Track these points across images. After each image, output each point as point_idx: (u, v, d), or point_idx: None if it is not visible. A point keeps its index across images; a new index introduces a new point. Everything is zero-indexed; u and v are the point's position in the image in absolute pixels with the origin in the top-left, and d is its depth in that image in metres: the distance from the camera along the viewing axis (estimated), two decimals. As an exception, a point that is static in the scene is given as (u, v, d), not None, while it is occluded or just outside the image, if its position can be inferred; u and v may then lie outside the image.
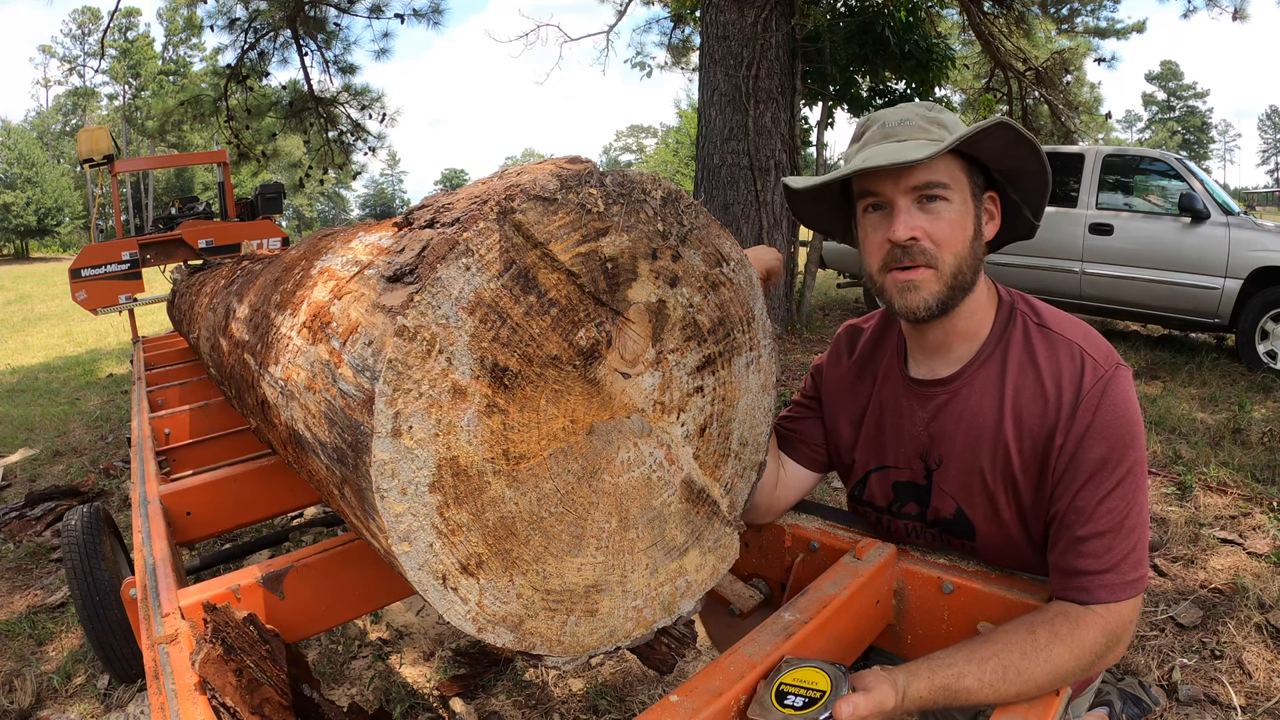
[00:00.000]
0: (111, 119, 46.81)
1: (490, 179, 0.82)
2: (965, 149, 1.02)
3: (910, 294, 1.03)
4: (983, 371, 1.09)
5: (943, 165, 1.02)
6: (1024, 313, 1.10)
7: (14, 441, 5.43)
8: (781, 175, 6.96)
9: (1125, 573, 0.97)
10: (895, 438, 1.19)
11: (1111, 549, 0.97)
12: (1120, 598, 0.97)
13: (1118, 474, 0.98)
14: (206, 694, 0.85)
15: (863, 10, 7.39)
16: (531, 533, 0.76)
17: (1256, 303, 5.50)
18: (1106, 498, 0.98)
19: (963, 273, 1.04)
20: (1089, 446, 0.99)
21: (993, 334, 1.10)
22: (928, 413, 1.14)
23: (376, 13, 9.76)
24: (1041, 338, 1.07)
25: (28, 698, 2.34)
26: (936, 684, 0.91)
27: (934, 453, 1.15)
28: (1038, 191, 1.09)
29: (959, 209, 1.03)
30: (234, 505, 1.76)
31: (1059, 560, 1.01)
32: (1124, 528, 0.97)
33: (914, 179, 1.01)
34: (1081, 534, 0.99)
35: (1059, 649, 0.93)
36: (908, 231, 1.01)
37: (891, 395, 1.20)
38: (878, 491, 1.24)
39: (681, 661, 1.04)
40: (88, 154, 6.21)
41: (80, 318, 12.32)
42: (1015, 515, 1.09)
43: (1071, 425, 1.00)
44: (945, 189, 1.02)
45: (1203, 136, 64.41)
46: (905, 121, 1.06)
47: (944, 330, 1.10)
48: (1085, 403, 0.99)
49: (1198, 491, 3.45)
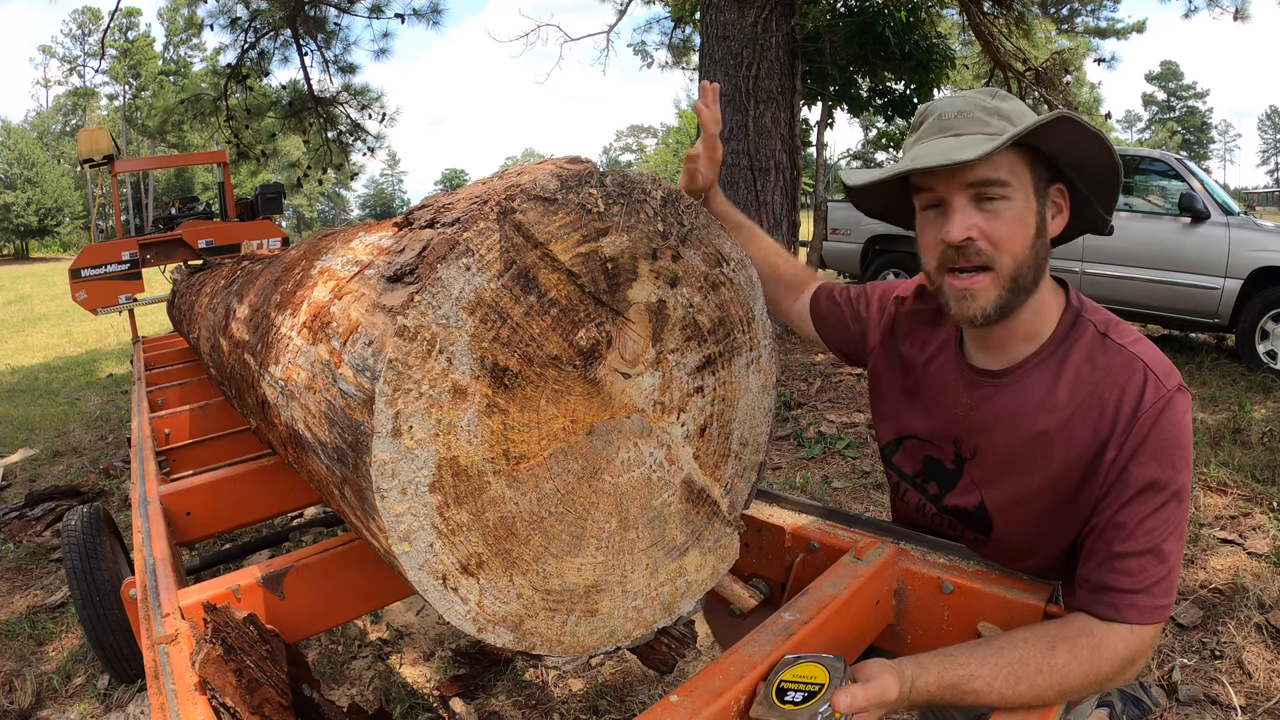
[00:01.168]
0: (111, 119, 46.81)
1: (490, 179, 0.82)
2: (1028, 141, 0.96)
3: (967, 303, 1.00)
4: (1038, 371, 1.06)
5: (1003, 160, 0.96)
6: (1091, 320, 1.06)
7: (14, 441, 5.43)
8: (782, 175, 6.96)
9: (1157, 596, 0.95)
10: (935, 413, 1.17)
11: (1146, 570, 0.95)
12: (1147, 620, 0.95)
13: (1163, 496, 0.96)
14: (206, 694, 0.85)
15: (863, 10, 7.38)
16: (532, 533, 0.76)
17: (1256, 303, 5.50)
18: (1149, 517, 0.96)
19: (1023, 274, 0.99)
20: (1141, 464, 0.96)
21: (1055, 336, 1.06)
22: (972, 400, 1.12)
23: (376, 12, 9.75)
24: (1105, 347, 1.03)
25: (28, 698, 2.34)
26: (946, 681, 0.91)
27: (969, 442, 1.13)
28: (1109, 184, 1.03)
29: (1020, 206, 0.98)
30: (234, 505, 1.76)
31: (1092, 574, 0.99)
32: (1161, 551, 0.95)
33: (970, 176, 0.96)
34: (1119, 550, 0.96)
35: (1075, 670, 0.92)
36: (963, 232, 0.97)
37: (939, 371, 1.17)
38: (908, 460, 1.23)
39: (681, 661, 1.04)
40: (88, 154, 6.21)
41: (80, 318, 12.32)
42: (1041, 521, 1.07)
43: (1126, 440, 0.97)
44: (1005, 186, 0.97)
45: (1203, 136, 64.41)
46: (963, 114, 1.00)
47: (1004, 330, 1.07)
48: (1143, 419, 0.96)
49: (1198, 491, 3.45)
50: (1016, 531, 1.11)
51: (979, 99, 1.01)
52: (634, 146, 77.64)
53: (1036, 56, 9.73)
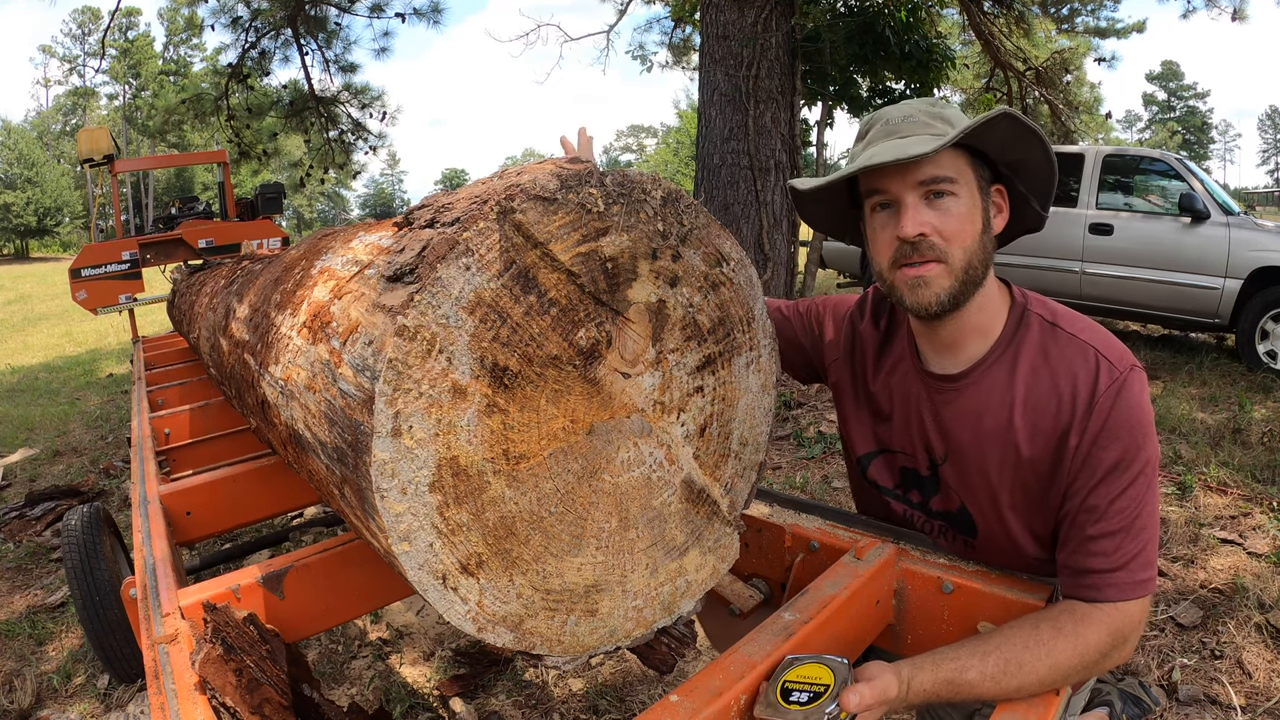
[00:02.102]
0: (111, 119, 46.80)
1: (490, 179, 0.82)
2: (970, 142, 1.01)
3: (921, 290, 1.03)
4: (994, 370, 1.08)
5: (948, 160, 1.01)
6: (1038, 313, 1.09)
7: (14, 441, 5.43)
8: (782, 175, 6.96)
9: (1135, 572, 0.97)
10: (903, 425, 1.19)
11: (1121, 548, 0.97)
12: (1129, 596, 0.97)
13: (1130, 474, 0.98)
14: (206, 694, 0.85)
15: (863, 10, 7.39)
16: (531, 532, 0.76)
17: (1256, 303, 5.50)
18: (1119, 497, 0.98)
19: (973, 267, 1.03)
20: (1103, 447, 0.99)
21: (1005, 333, 1.09)
22: (935, 406, 1.14)
23: (377, 12, 9.75)
24: (1055, 338, 1.06)
25: (28, 698, 2.34)
26: (940, 677, 0.92)
27: (939, 447, 1.15)
28: (1045, 181, 1.08)
29: (967, 203, 1.02)
30: (234, 505, 1.76)
31: (1069, 559, 1.01)
32: (1134, 527, 0.98)
33: (920, 174, 1.01)
34: (1092, 533, 0.99)
35: (1062, 644, 0.94)
36: (916, 228, 1.01)
37: (901, 383, 1.20)
38: (884, 473, 1.25)
39: (681, 661, 1.04)
40: (88, 154, 6.21)
41: (80, 318, 12.32)
42: (1019, 515, 1.09)
43: (1087, 425, 0.99)
44: (952, 183, 1.01)
45: (1203, 136, 64.40)
46: (909, 118, 1.05)
47: (955, 326, 1.09)
48: (1100, 404, 0.99)
49: (1198, 491, 3.45)
50: (999, 529, 1.12)
51: (922, 105, 1.07)
52: (634, 146, 77.62)
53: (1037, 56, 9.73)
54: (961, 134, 0.97)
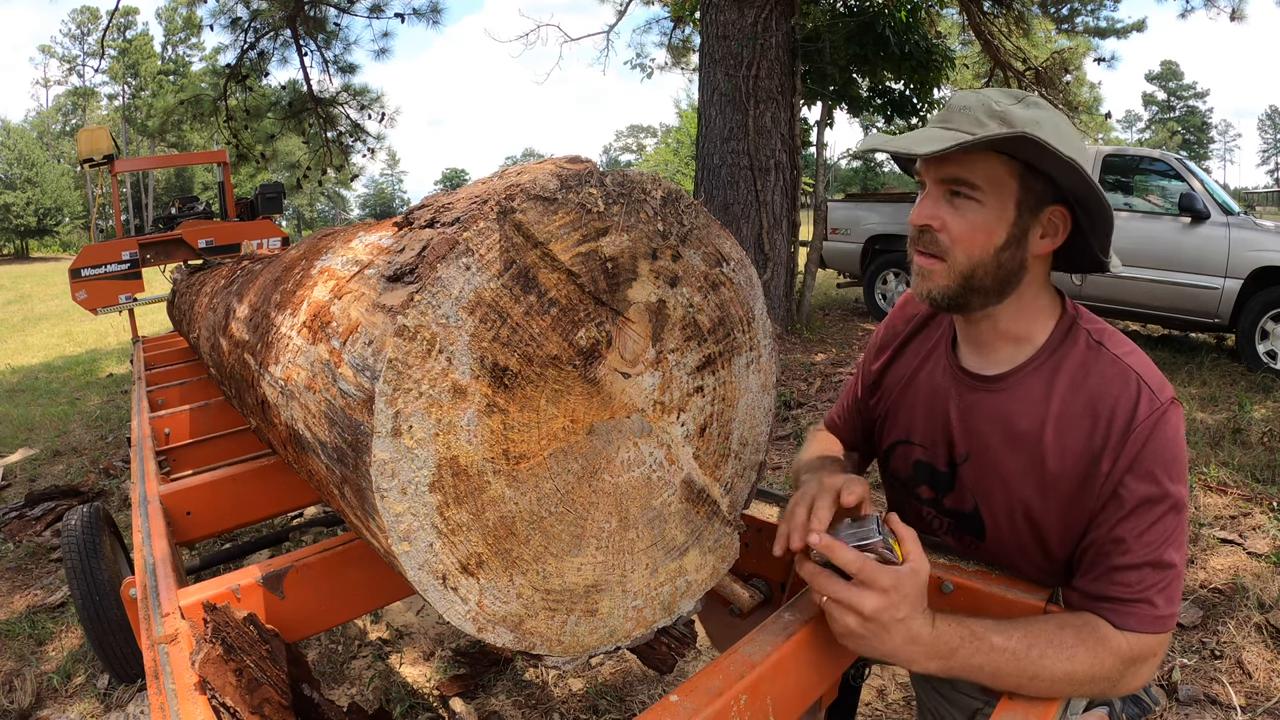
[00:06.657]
0: (111, 119, 46.80)
1: (490, 179, 0.82)
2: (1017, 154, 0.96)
3: (920, 280, 1.04)
4: (1031, 379, 1.06)
5: (980, 164, 0.97)
6: (1086, 328, 1.06)
7: (14, 441, 5.43)
8: (782, 175, 6.96)
9: (1159, 606, 0.95)
10: (928, 417, 1.18)
11: (1145, 580, 0.95)
12: (1150, 630, 0.95)
13: (1161, 508, 0.96)
14: (206, 694, 0.84)
15: (863, 10, 7.39)
16: (531, 532, 0.76)
17: (1256, 303, 5.51)
18: (1148, 530, 0.96)
19: (978, 276, 1.01)
20: (1137, 478, 0.96)
21: (1049, 343, 1.07)
22: (965, 404, 1.13)
23: (376, 12, 9.76)
24: (1099, 356, 1.03)
25: (28, 698, 2.34)
26: (966, 630, 0.90)
27: (961, 446, 1.14)
28: (1099, 218, 1.00)
29: (989, 213, 0.99)
30: (234, 505, 1.75)
31: (1090, 587, 0.99)
32: (1161, 561, 0.95)
33: (943, 171, 0.99)
34: (1118, 564, 0.97)
35: (1083, 653, 0.92)
36: (923, 218, 1.01)
37: (930, 375, 1.19)
38: (901, 465, 1.24)
39: (681, 661, 1.04)
40: (88, 154, 6.20)
41: (80, 318, 12.32)
42: (1033, 525, 1.08)
43: (1120, 453, 0.97)
44: (974, 189, 0.98)
45: (1203, 136, 64.41)
46: (965, 109, 1.00)
47: (987, 327, 1.08)
48: (1138, 432, 0.96)
49: (1198, 491, 3.45)
50: (1008, 537, 1.11)
51: (992, 98, 1.00)
52: (634, 146, 77.63)
53: (1036, 56, 9.73)
54: (968, 144, 0.93)
